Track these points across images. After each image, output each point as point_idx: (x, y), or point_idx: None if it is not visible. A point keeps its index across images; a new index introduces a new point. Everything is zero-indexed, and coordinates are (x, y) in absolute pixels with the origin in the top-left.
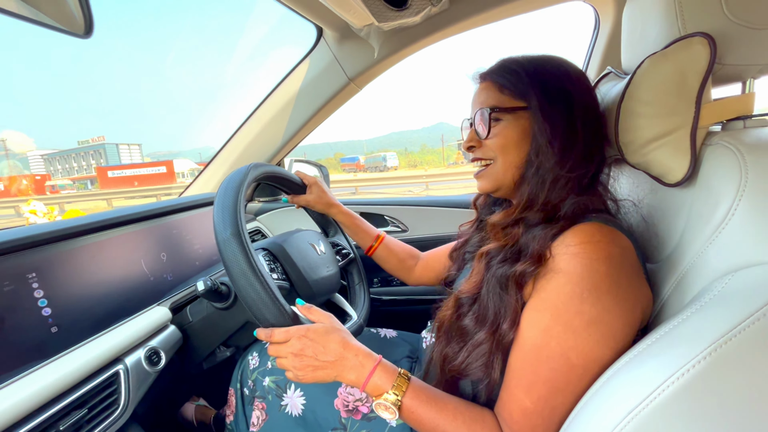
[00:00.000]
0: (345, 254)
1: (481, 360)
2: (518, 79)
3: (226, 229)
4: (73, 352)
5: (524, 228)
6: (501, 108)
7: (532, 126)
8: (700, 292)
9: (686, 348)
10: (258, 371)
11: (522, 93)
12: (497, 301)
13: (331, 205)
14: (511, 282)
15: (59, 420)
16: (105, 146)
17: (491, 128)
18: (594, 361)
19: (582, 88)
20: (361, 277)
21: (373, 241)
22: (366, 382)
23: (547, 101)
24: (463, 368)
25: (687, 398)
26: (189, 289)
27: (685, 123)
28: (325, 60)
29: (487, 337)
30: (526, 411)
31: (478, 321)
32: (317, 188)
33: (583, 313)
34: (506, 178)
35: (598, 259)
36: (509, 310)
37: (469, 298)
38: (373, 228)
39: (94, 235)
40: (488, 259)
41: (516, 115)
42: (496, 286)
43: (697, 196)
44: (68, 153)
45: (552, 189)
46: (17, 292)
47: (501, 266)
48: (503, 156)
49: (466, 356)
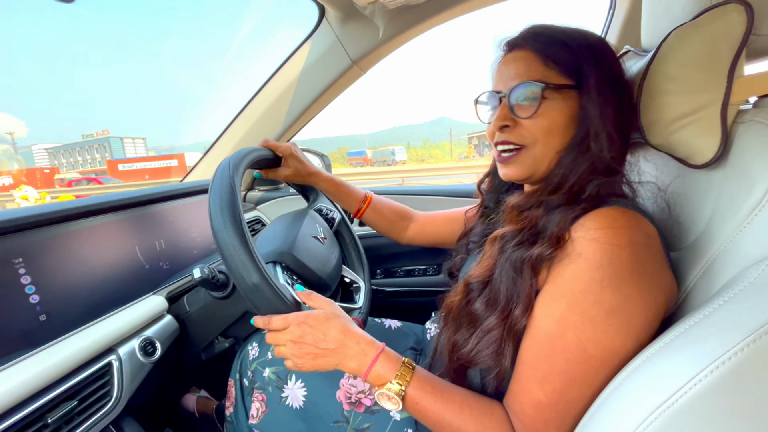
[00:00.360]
0: (332, 218)
1: (491, 347)
2: (569, 53)
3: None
4: (63, 341)
5: (544, 210)
6: (549, 84)
7: (583, 108)
8: (731, 279)
9: (719, 339)
10: (258, 362)
11: (573, 69)
12: (510, 285)
13: (310, 174)
14: (527, 266)
15: (47, 412)
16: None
17: (525, 107)
18: (613, 353)
19: (618, 64)
20: (352, 236)
21: (360, 203)
22: (368, 371)
23: (604, 79)
24: (473, 356)
25: (721, 394)
26: (186, 278)
27: (714, 100)
28: (328, 42)
29: (498, 323)
30: (539, 404)
31: (489, 305)
32: (293, 160)
33: (603, 302)
34: (542, 165)
35: (620, 244)
36: (522, 295)
37: (479, 283)
38: (358, 190)
39: (85, 220)
40: (503, 242)
41: (564, 95)
42: (510, 270)
43: (728, 177)
44: (72, 146)
45: (586, 174)
46: (2, 278)
47: (516, 249)
48: (546, 140)
49: (476, 343)
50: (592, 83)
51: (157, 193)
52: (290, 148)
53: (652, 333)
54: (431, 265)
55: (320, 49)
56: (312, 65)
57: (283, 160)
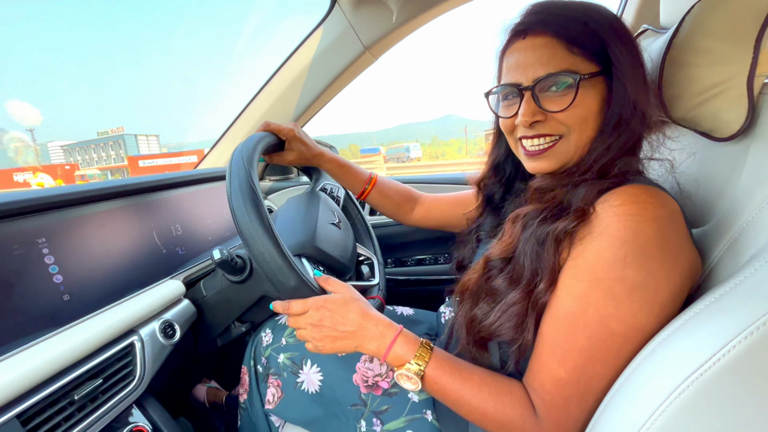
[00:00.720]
0: (338, 197)
1: (513, 320)
2: (592, 35)
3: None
4: (87, 321)
5: (571, 187)
6: (582, 74)
7: (613, 91)
8: (759, 250)
9: (747, 310)
10: (272, 348)
11: (597, 52)
12: (534, 258)
13: (315, 156)
14: (551, 239)
15: (73, 390)
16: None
17: (552, 99)
18: (636, 329)
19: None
20: (358, 210)
21: (365, 185)
22: (387, 352)
23: (630, 61)
24: (495, 328)
25: (752, 364)
26: (202, 264)
27: (740, 71)
28: (340, 28)
29: (522, 297)
30: (559, 381)
31: (512, 281)
32: (297, 142)
33: (626, 279)
34: (576, 154)
35: (644, 220)
36: (546, 269)
37: (500, 261)
38: (363, 171)
39: (104, 203)
40: (526, 220)
41: (594, 81)
42: (534, 244)
43: (755, 149)
44: (88, 144)
45: (616, 153)
46: (27, 257)
47: (541, 225)
48: (580, 130)
49: (498, 316)
50: (621, 66)
51: (172, 178)
52: (293, 130)
53: (676, 309)
54: (442, 254)
55: (332, 35)
56: (324, 51)
57: (286, 143)
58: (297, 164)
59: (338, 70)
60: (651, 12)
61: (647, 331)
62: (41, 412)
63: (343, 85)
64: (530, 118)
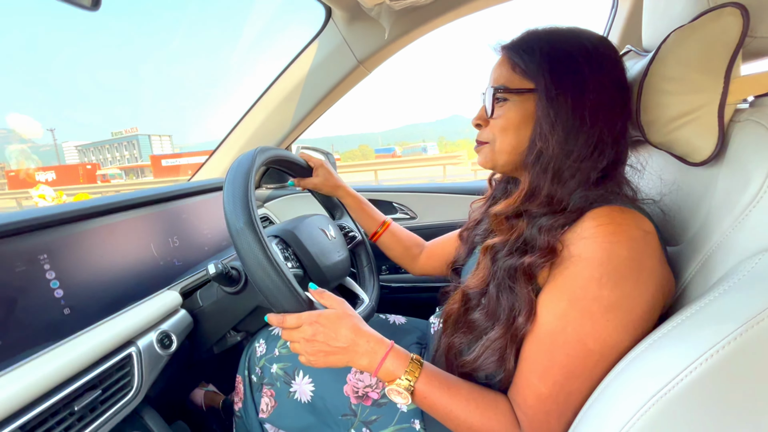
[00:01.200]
0: (352, 237)
1: (496, 354)
2: (531, 58)
3: (239, 219)
4: (86, 333)
5: (528, 220)
6: (507, 88)
7: (537, 110)
8: (727, 273)
9: (714, 329)
10: (265, 358)
11: (532, 73)
12: (508, 295)
13: (337, 187)
14: (520, 274)
15: (73, 401)
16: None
17: (494, 108)
18: (611, 348)
19: (602, 70)
20: (369, 259)
21: (378, 227)
22: (378, 368)
23: (555, 85)
24: (479, 364)
25: (716, 381)
26: (199, 274)
27: (712, 99)
28: (334, 42)
29: (502, 333)
30: (540, 396)
31: (489, 316)
32: (323, 170)
33: (602, 299)
34: (500, 159)
35: (618, 242)
36: (524, 302)
37: (476, 293)
38: (379, 213)
39: (103, 218)
40: (493, 252)
41: (522, 97)
42: (506, 279)
43: (725, 175)
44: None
45: (556, 179)
46: (29, 273)
47: (508, 259)
48: (501, 138)
49: (480, 352)
50: (542, 87)
51: (169, 192)
52: (321, 160)
53: (650, 328)
54: None
55: (327, 50)
56: (318, 65)
57: (314, 170)
58: (320, 191)
59: (332, 84)
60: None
61: (621, 349)
62: (43, 423)
63: (337, 97)
64: (475, 120)
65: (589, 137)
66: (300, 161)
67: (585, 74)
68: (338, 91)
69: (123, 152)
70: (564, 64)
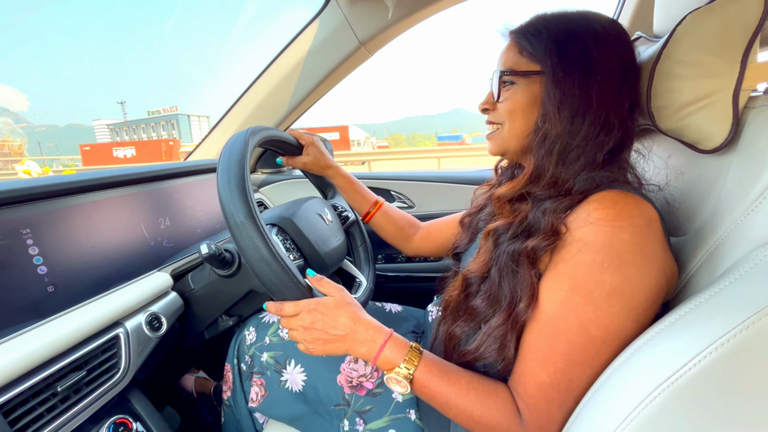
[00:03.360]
0: (346, 217)
1: (497, 342)
2: (539, 41)
3: (239, 212)
4: (71, 312)
5: (532, 203)
6: (514, 71)
7: (543, 92)
8: (736, 262)
9: (725, 317)
10: (255, 346)
11: (539, 56)
12: (511, 279)
13: (328, 167)
14: (524, 258)
15: (57, 381)
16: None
17: (501, 91)
18: (614, 333)
19: (610, 52)
20: (364, 239)
21: (370, 207)
22: (377, 356)
23: (562, 66)
24: (480, 353)
25: (724, 372)
26: (190, 257)
27: (726, 85)
28: (335, 22)
29: (504, 320)
30: (541, 385)
31: (491, 301)
32: (314, 149)
33: (604, 284)
34: (511, 144)
35: (621, 226)
36: (525, 287)
37: (477, 278)
38: (371, 193)
39: (91, 194)
40: (496, 236)
41: (529, 80)
42: (509, 263)
43: (738, 162)
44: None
45: (561, 161)
46: (10, 248)
47: (511, 243)
48: (510, 121)
49: (483, 341)
50: (549, 69)
51: (160, 170)
52: (312, 138)
53: (653, 315)
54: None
55: (327, 30)
56: (319, 46)
57: (304, 148)
58: (311, 170)
59: (333, 65)
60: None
61: (624, 336)
62: (23, 404)
63: (338, 80)
64: (482, 105)
65: (595, 119)
66: (290, 139)
67: (593, 56)
68: (338, 74)
69: (160, 132)
70: (571, 46)
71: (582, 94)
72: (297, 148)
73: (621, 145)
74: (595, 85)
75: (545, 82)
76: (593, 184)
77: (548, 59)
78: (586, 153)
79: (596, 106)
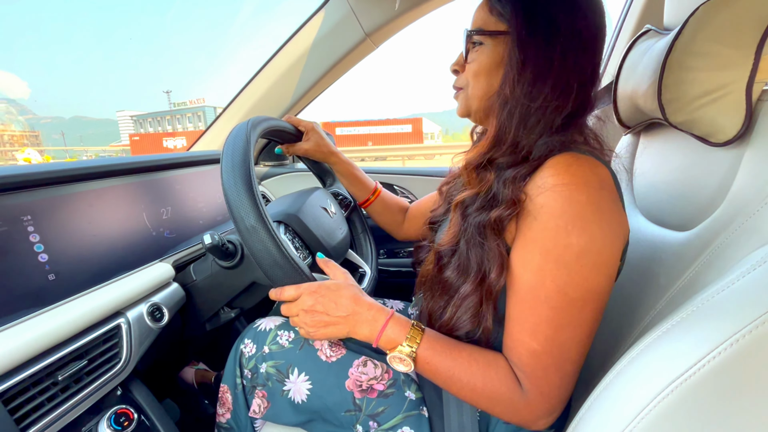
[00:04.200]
0: (347, 204)
1: (469, 312)
2: (507, 1)
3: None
4: (73, 301)
5: (496, 172)
6: (482, 30)
7: (507, 52)
8: (747, 258)
9: (735, 315)
10: (255, 358)
11: (507, 15)
12: (478, 250)
13: (331, 153)
14: (489, 230)
15: (57, 370)
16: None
17: (470, 52)
18: (590, 291)
19: (577, 14)
20: (364, 225)
21: (370, 194)
22: (379, 336)
23: (527, 27)
24: (453, 324)
25: (733, 374)
26: (192, 248)
27: (740, 77)
28: (341, 12)
29: (473, 289)
30: (534, 353)
31: (461, 272)
32: (315, 135)
33: (572, 246)
34: (473, 104)
35: (576, 188)
36: (494, 257)
37: (449, 250)
38: (370, 180)
39: (93, 182)
40: (463, 208)
41: (496, 41)
42: (475, 235)
43: (749, 156)
44: (162, 114)
45: (521, 125)
46: (11, 234)
47: (477, 215)
48: (474, 82)
49: (454, 311)
50: (514, 29)
51: (163, 159)
52: (312, 124)
53: (617, 268)
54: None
55: (333, 20)
56: (324, 36)
57: (304, 134)
58: (312, 157)
59: (338, 56)
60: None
61: (600, 291)
62: (24, 392)
63: (342, 71)
64: (453, 66)
65: (556, 82)
66: (288, 127)
67: (558, 17)
68: (343, 65)
69: (186, 124)
70: (539, 6)
71: (545, 56)
72: (296, 135)
73: (579, 110)
74: (558, 48)
75: (509, 43)
76: (548, 149)
77: (514, 20)
78: (545, 117)
79: (558, 69)
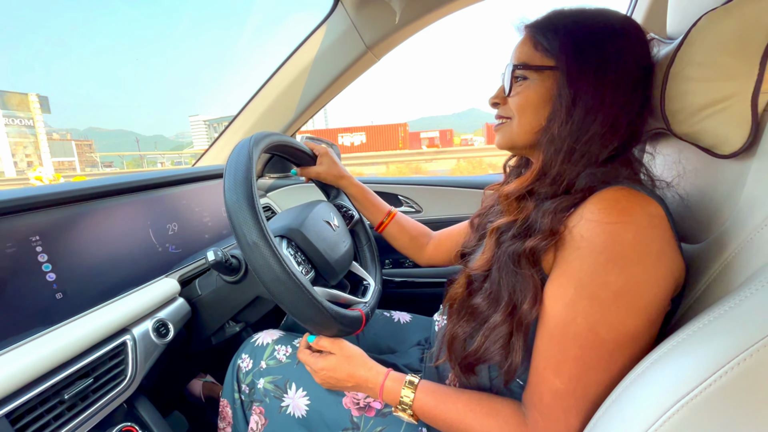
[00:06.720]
0: (351, 216)
1: (499, 342)
2: (554, 36)
3: (251, 231)
4: (79, 319)
5: (535, 201)
6: (528, 65)
7: (556, 88)
8: (757, 271)
9: (746, 330)
10: (252, 373)
11: (554, 51)
12: (511, 279)
13: (342, 177)
14: (524, 259)
15: (64, 389)
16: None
17: (513, 86)
18: (626, 335)
19: (626, 50)
20: (368, 237)
21: (384, 217)
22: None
23: (577, 63)
24: (481, 354)
25: (743, 390)
26: (198, 262)
27: (744, 88)
28: (342, 27)
29: (504, 319)
30: (557, 392)
31: (491, 300)
32: (328, 159)
33: (609, 284)
34: (519, 139)
35: (623, 225)
36: (527, 288)
37: (480, 275)
38: (384, 203)
39: (100, 201)
40: (498, 234)
41: (542, 75)
42: (509, 263)
43: (757, 168)
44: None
45: (566, 161)
46: (20, 255)
47: (512, 243)
48: (520, 116)
49: (482, 341)
50: (563, 66)
51: (168, 176)
52: (326, 148)
53: (663, 313)
54: None
55: (334, 35)
56: (326, 51)
57: (318, 158)
58: (325, 180)
59: (340, 70)
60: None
61: (637, 336)
62: (31, 411)
63: (345, 85)
64: (492, 99)
65: (606, 117)
66: (304, 148)
67: (609, 53)
68: (345, 79)
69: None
70: (588, 43)
71: (596, 92)
72: (311, 158)
73: (627, 144)
74: (609, 85)
75: (558, 79)
76: (595, 182)
77: (563, 55)
78: (590, 151)
79: (608, 105)
